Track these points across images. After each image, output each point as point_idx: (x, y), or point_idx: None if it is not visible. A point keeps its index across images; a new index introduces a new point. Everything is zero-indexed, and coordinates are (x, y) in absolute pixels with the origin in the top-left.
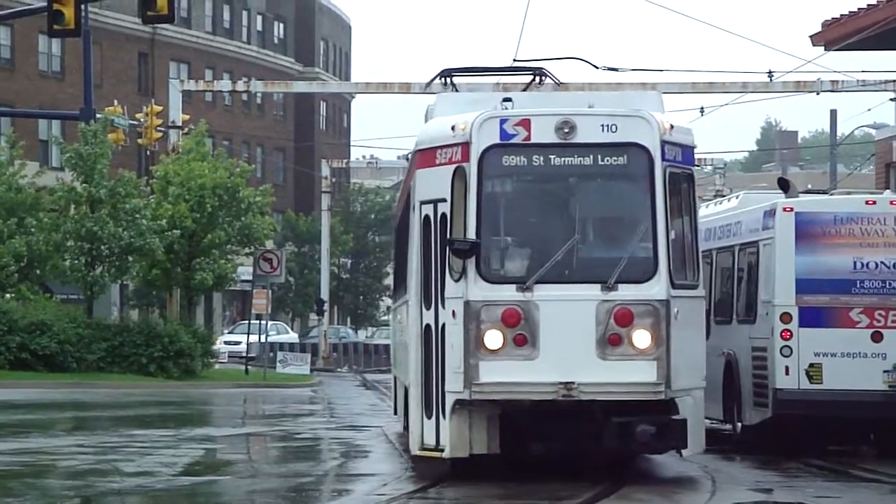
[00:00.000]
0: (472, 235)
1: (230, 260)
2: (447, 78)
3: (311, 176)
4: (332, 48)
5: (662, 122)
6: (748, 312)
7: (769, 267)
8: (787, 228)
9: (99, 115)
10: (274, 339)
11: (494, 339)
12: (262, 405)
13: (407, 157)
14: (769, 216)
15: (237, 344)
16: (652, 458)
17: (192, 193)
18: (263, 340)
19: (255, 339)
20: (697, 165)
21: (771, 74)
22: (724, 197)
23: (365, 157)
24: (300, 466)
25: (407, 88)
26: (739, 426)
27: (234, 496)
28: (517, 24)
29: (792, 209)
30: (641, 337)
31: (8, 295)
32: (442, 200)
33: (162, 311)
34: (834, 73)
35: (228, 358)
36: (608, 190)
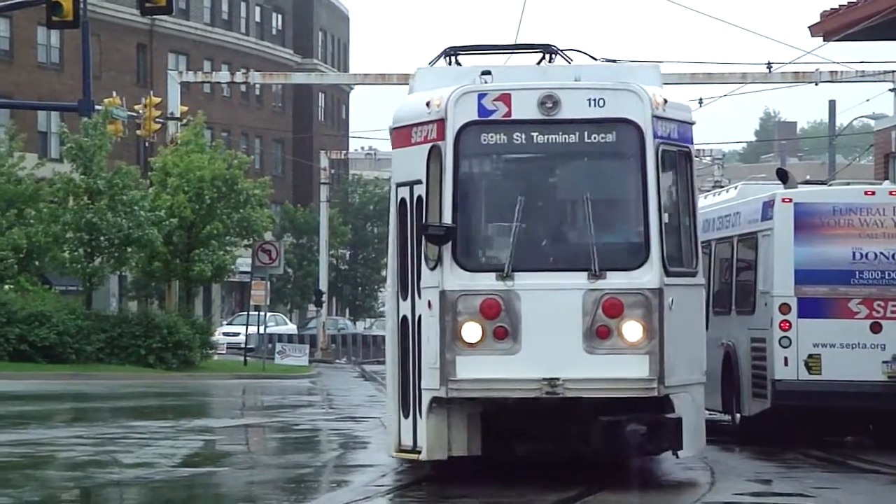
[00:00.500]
0: (447, 220)
1: (229, 251)
2: (452, 57)
3: (309, 167)
4: (330, 39)
5: (655, 95)
6: (747, 303)
7: (768, 258)
8: (785, 219)
9: (98, 106)
10: (273, 330)
11: (472, 331)
12: (260, 396)
13: None
14: (768, 207)
15: (236, 335)
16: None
17: (190, 185)
18: (262, 332)
19: (253, 330)
20: (696, 156)
21: (770, 65)
22: (722, 188)
23: (363, 148)
24: (299, 458)
25: (405, 79)
26: (738, 417)
27: (232, 487)
28: (515, 16)
29: (791, 200)
30: (632, 329)
31: (7, 286)
32: (418, 182)
33: (161, 302)
34: (833, 63)
35: (227, 349)
36: (595, 169)
